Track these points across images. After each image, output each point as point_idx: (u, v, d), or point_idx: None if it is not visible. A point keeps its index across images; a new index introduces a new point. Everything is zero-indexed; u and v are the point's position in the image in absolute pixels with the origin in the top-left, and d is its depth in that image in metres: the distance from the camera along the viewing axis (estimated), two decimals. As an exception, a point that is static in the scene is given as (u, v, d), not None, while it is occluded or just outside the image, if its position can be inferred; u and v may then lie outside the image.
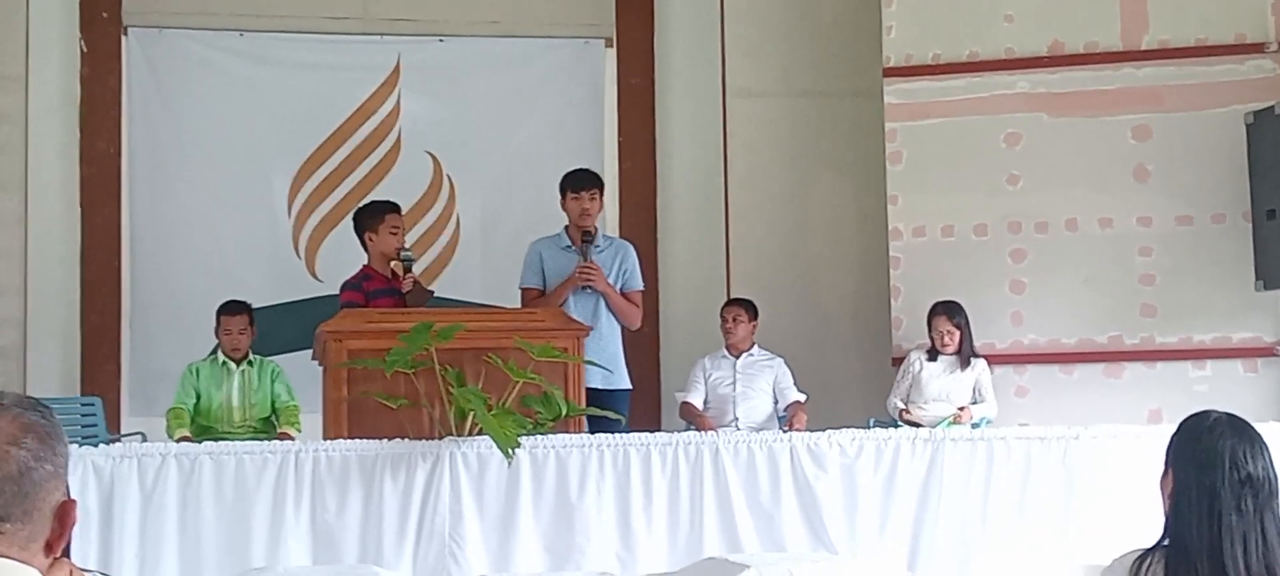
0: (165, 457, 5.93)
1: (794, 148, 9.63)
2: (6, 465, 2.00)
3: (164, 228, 9.39)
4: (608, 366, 7.23)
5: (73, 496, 2.11)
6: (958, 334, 7.94)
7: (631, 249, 7.76)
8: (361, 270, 7.44)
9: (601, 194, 7.65)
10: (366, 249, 7.47)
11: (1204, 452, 3.00)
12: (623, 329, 7.59)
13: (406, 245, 7.46)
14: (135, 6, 9.44)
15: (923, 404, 7.88)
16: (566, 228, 7.57)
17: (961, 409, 7.79)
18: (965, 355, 7.95)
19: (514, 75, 9.84)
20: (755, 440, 6.37)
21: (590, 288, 7.38)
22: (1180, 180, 8.32)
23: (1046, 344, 8.42)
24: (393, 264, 7.39)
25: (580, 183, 7.54)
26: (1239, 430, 3.02)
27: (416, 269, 7.74)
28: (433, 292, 7.50)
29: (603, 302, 7.45)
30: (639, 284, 7.69)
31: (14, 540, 2.01)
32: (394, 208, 7.58)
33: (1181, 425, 3.11)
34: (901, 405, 7.97)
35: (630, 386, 7.58)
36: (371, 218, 7.52)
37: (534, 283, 7.56)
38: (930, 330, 8.04)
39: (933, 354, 8.02)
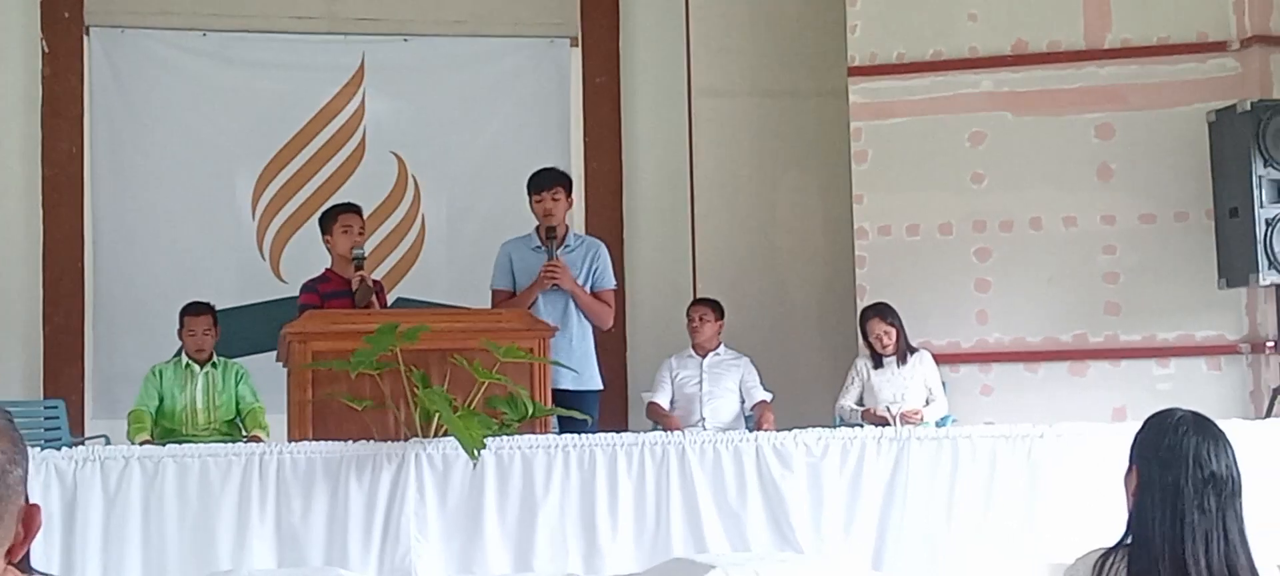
0: (129, 460, 5.89)
1: (759, 147, 9.65)
2: None
3: (127, 228, 9.33)
4: (577, 367, 7.20)
5: (36, 500, 2.09)
6: (894, 333, 7.96)
7: (603, 247, 7.71)
8: (324, 272, 7.45)
9: (568, 192, 7.57)
10: (330, 253, 7.48)
11: (1168, 450, 3.01)
12: (595, 329, 7.56)
13: (361, 245, 7.42)
14: (97, 6, 9.38)
15: (880, 410, 7.87)
16: (537, 228, 7.54)
17: (916, 411, 7.78)
18: (902, 352, 7.98)
19: (479, 75, 9.83)
20: (721, 440, 6.36)
21: (557, 287, 7.35)
22: (1143, 179, 8.36)
23: (1011, 342, 8.45)
24: (353, 250, 7.37)
25: (541, 183, 7.49)
26: (1203, 428, 3.02)
27: (381, 271, 7.72)
28: (373, 290, 7.43)
29: (572, 302, 7.42)
30: (610, 283, 7.63)
31: (-17, 544, 1.99)
32: (347, 208, 7.59)
33: (1146, 422, 3.12)
34: (859, 407, 7.97)
35: (601, 387, 7.54)
36: (327, 220, 7.58)
37: (503, 284, 7.53)
38: (866, 336, 8.05)
39: (876, 359, 8.03)
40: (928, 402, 7.89)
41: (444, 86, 9.79)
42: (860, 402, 8.02)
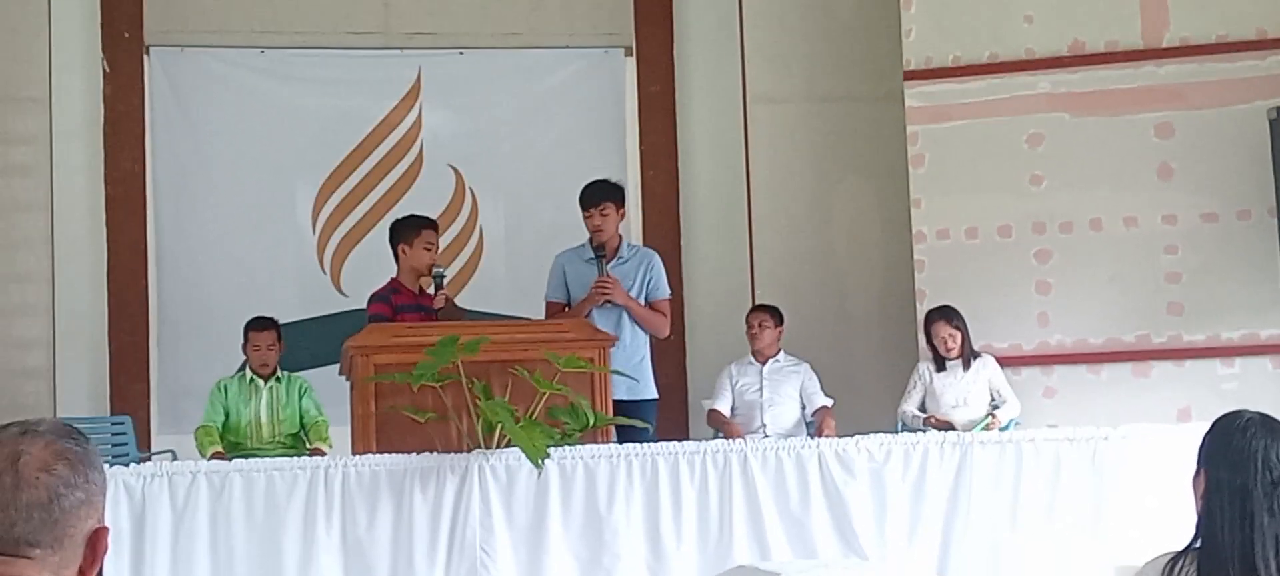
0: (196, 476, 5.95)
1: (815, 153, 9.64)
2: (36, 492, 2.03)
3: (190, 245, 9.43)
4: (634, 376, 7.19)
5: (106, 522, 2.13)
6: (959, 336, 7.93)
7: (656, 257, 7.68)
8: (390, 282, 7.42)
9: (618, 204, 7.49)
10: (398, 261, 7.45)
11: (1236, 453, 2.98)
12: (651, 338, 7.55)
13: (439, 263, 7.43)
14: (157, 26, 9.48)
15: (942, 413, 7.85)
16: (590, 239, 7.54)
17: (992, 416, 7.76)
18: (966, 356, 7.95)
19: (534, 86, 9.86)
20: (783, 447, 6.37)
21: (610, 302, 7.34)
22: (1204, 177, 8.29)
23: (1073, 344, 8.39)
24: (423, 279, 7.38)
25: (590, 199, 7.43)
26: (1272, 429, 2.99)
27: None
28: (464, 311, 7.47)
29: (625, 313, 7.41)
30: (665, 292, 7.60)
31: (45, 565, 2.03)
32: (431, 224, 7.56)
33: (1214, 425, 3.09)
34: (921, 413, 7.93)
35: (656, 396, 7.51)
36: (408, 231, 7.47)
37: (557, 296, 7.53)
38: (930, 338, 8.02)
39: (939, 362, 8.01)
40: (996, 405, 7.85)
41: (500, 98, 9.85)
42: (922, 408, 7.99)
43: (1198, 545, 3.01)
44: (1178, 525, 3.18)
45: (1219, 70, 8.29)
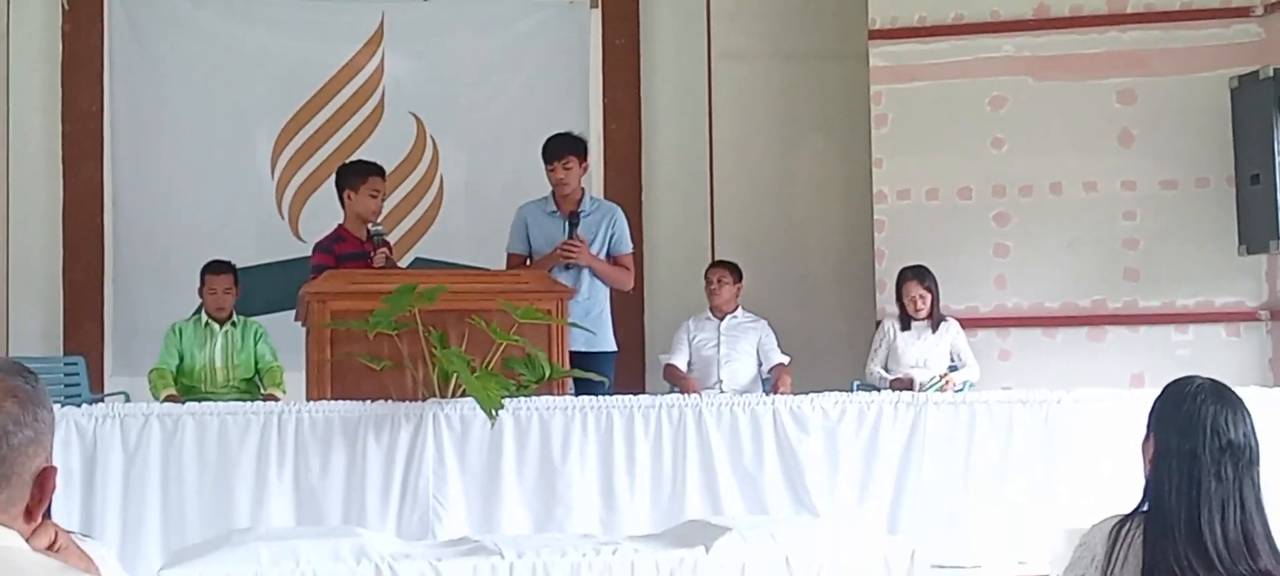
0: (148, 418, 5.92)
1: (779, 110, 9.64)
2: None
3: (147, 186, 9.35)
4: (591, 329, 7.15)
5: (55, 461, 2.11)
6: (929, 297, 7.95)
7: (619, 212, 7.63)
8: (335, 230, 7.30)
9: (581, 157, 7.43)
10: (344, 207, 7.36)
11: (1185, 418, 2.99)
12: (611, 291, 7.53)
13: (381, 219, 7.30)
14: (117, -37, 9.39)
15: (902, 372, 7.88)
16: (552, 193, 7.48)
17: (945, 377, 7.78)
18: (935, 318, 7.96)
19: (498, 36, 9.80)
20: (738, 403, 6.38)
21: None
22: (1165, 144, 8.33)
23: (1030, 307, 8.44)
24: (370, 226, 7.29)
25: (552, 152, 7.36)
26: (1221, 396, 3.01)
27: (398, 231, 7.70)
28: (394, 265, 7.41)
29: (587, 267, 7.38)
30: (628, 247, 7.57)
31: (-8, 502, 2.02)
32: (377, 170, 7.43)
33: (1164, 390, 3.10)
34: (886, 373, 7.94)
35: (615, 349, 7.51)
36: (354, 177, 7.37)
37: (519, 248, 7.49)
38: (901, 297, 8.04)
39: (904, 320, 8.02)
40: (954, 368, 7.87)
41: (463, 47, 9.78)
42: (886, 367, 8.00)
43: (1145, 509, 3.02)
44: (1129, 489, 3.19)
45: (1182, 37, 8.33)
